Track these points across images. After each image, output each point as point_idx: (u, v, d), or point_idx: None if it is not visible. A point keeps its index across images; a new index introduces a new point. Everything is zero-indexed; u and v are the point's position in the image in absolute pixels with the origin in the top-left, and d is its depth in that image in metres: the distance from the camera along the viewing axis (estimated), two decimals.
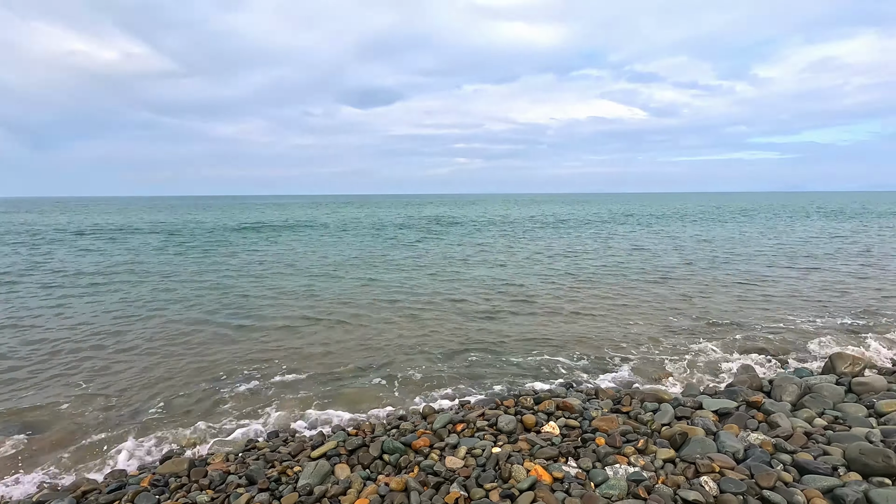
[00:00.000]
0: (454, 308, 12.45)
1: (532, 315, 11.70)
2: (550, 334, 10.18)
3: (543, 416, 5.82)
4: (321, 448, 5.15)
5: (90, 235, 33.55)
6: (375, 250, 25.10)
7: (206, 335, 10.29)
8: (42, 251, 24.74)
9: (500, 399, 6.48)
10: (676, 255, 21.99)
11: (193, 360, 8.83)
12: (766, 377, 7.34)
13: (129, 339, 10.00)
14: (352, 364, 8.62)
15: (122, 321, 11.33)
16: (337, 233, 36.02)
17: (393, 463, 4.91)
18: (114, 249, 25.68)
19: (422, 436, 5.33)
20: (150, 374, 8.23)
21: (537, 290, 14.54)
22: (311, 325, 11.04)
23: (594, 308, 12.25)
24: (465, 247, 26.37)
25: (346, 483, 4.48)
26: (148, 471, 5.09)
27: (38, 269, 18.84)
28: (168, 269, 18.87)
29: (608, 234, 33.05)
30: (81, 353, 9.26)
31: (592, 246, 25.94)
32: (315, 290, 14.70)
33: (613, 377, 7.91)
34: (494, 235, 32.98)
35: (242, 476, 4.69)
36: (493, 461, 4.69)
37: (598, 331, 10.37)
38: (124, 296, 14.04)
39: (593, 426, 5.44)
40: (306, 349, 9.41)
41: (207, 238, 31.82)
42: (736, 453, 4.70)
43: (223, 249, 25.64)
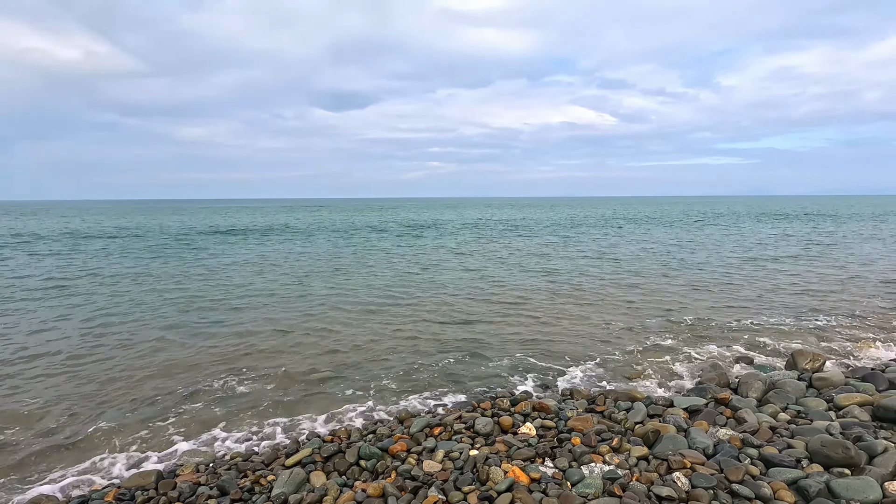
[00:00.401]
0: (429, 312, 12.43)
1: (507, 318, 11.78)
2: (526, 336, 10.27)
3: (520, 418, 5.86)
4: (296, 456, 5.05)
5: (46, 240, 32.11)
6: (349, 255, 24.86)
7: (172, 342, 9.97)
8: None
9: (477, 401, 6.50)
10: (647, 258, 22.55)
11: (158, 368, 8.53)
12: (733, 374, 7.59)
13: (90, 347, 9.59)
14: (325, 370, 8.49)
15: (82, 329, 10.86)
16: (309, 237, 35.52)
17: (370, 469, 4.85)
18: (72, 255, 24.63)
19: (399, 440, 5.28)
20: (111, 383, 7.90)
21: (512, 293, 14.66)
22: (282, 330, 10.83)
23: (568, 310, 12.43)
24: (440, 250, 26.39)
25: (322, 491, 4.40)
26: (112, 485, 4.88)
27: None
28: (129, 275, 18.21)
29: (578, 238, 33.65)
30: (35, 362, 8.82)
31: (565, 250, 26.35)
32: (285, 296, 14.44)
33: (588, 378, 8.03)
34: (468, 239, 33.14)
35: (214, 487, 4.56)
36: (470, 464, 4.69)
37: (573, 332, 10.52)
38: (81, 302, 13.47)
39: (569, 426, 5.50)
40: (278, 356, 9.22)
41: (172, 243, 30.87)
42: (706, 449, 4.83)
43: (188, 255, 24.91)
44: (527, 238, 33.43)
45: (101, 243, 30.67)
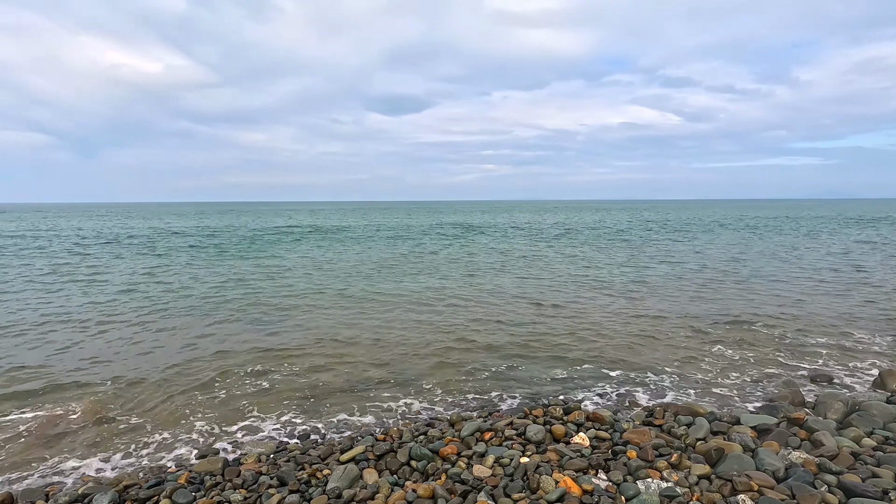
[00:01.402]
0: (479, 315, 12.41)
1: (561, 324, 11.54)
2: (580, 344, 10.02)
3: (573, 427, 5.73)
4: (350, 452, 5.21)
5: (136, 238, 35.13)
6: (400, 257, 25.31)
7: (239, 339, 10.57)
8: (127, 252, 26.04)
9: (529, 408, 6.41)
10: (712, 265, 21.33)
11: (228, 364, 9.07)
12: (810, 393, 7.02)
13: (166, 337, 10.37)
14: (380, 370, 8.70)
15: (174, 320, 11.78)
16: (362, 239, 36.51)
17: (420, 469, 4.92)
18: (154, 254, 26.76)
19: (449, 443, 5.32)
20: (185, 374, 8.51)
21: (566, 299, 14.35)
22: (339, 331, 11.20)
23: (625, 319, 12.00)
24: (491, 254, 26.29)
25: (374, 488, 4.52)
26: (185, 468, 5.26)
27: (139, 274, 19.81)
28: (204, 271, 19.53)
29: (639, 242, 32.33)
30: (119, 347, 9.66)
31: (623, 256, 25.43)
32: (338, 295, 14.92)
33: (645, 389, 7.72)
34: (521, 244, 32.76)
35: (274, 477, 4.80)
36: (521, 471, 4.64)
37: (631, 341, 10.15)
38: (170, 297, 14.61)
39: (624, 438, 5.32)
40: (332, 354, 9.55)
41: (239, 242, 32.78)
42: (776, 472, 4.51)
43: (254, 254, 26.35)
44: (582, 243, 32.58)
45: (179, 241, 33.13)
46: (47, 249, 28.87)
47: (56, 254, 26.65)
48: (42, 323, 11.84)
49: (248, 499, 4.42)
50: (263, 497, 4.41)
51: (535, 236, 38.25)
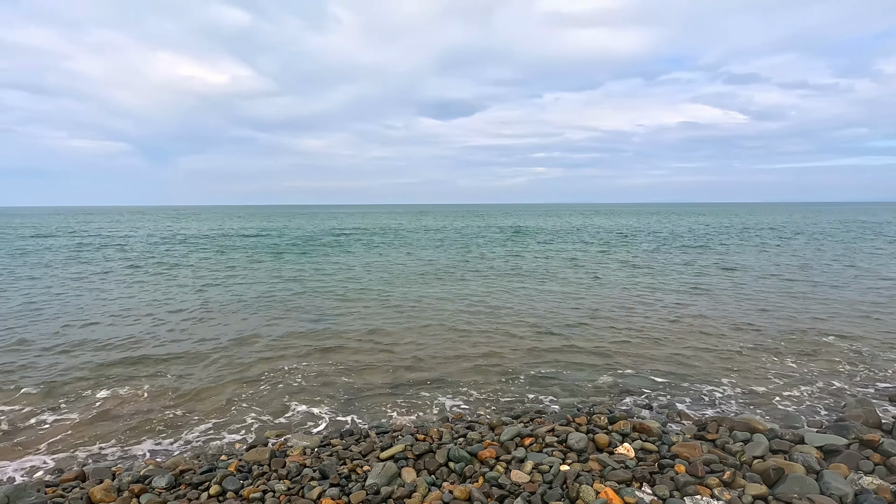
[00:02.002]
0: (525, 319, 12.24)
1: (609, 331, 11.18)
2: (629, 352, 9.67)
3: (618, 437, 5.53)
4: (390, 450, 5.28)
5: (202, 238, 37.37)
6: (448, 260, 25.41)
7: (287, 336, 10.98)
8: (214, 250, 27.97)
9: (572, 416, 6.25)
10: (777, 272, 19.98)
11: (276, 360, 9.44)
12: (886, 414, 6.42)
13: (222, 330, 10.94)
14: (421, 371, 8.77)
15: (230, 315, 12.45)
16: (411, 241, 36.97)
17: (458, 471, 4.91)
18: (222, 253, 28.34)
19: (488, 447, 5.28)
20: (237, 367, 8.93)
21: (615, 304, 13.89)
22: (383, 331, 11.39)
23: (679, 327, 11.46)
24: (540, 258, 25.88)
25: (412, 487, 4.55)
26: (235, 457, 5.52)
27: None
28: (266, 269, 20.47)
29: (697, 247, 30.77)
30: (178, 343, 10.28)
31: (679, 261, 24.31)
32: (389, 298, 15.17)
33: (697, 402, 7.33)
34: (572, 247, 32.05)
35: (316, 470, 4.94)
36: (560, 479, 4.53)
37: (683, 352, 9.68)
38: (238, 293, 15.44)
39: (673, 452, 5.07)
40: (380, 354, 9.72)
41: (299, 243, 34.10)
42: (844, 497, 4.15)
43: (312, 255, 27.33)
44: (635, 247, 31.44)
45: (246, 242, 34.93)
46: (125, 247, 31.27)
47: (131, 250, 28.82)
48: (123, 312, 12.81)
49: (292, 489, 4.58)
50: (305, 489, 4.54)
51: (586, 240, 37.30)
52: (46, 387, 8.05)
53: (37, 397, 7.65)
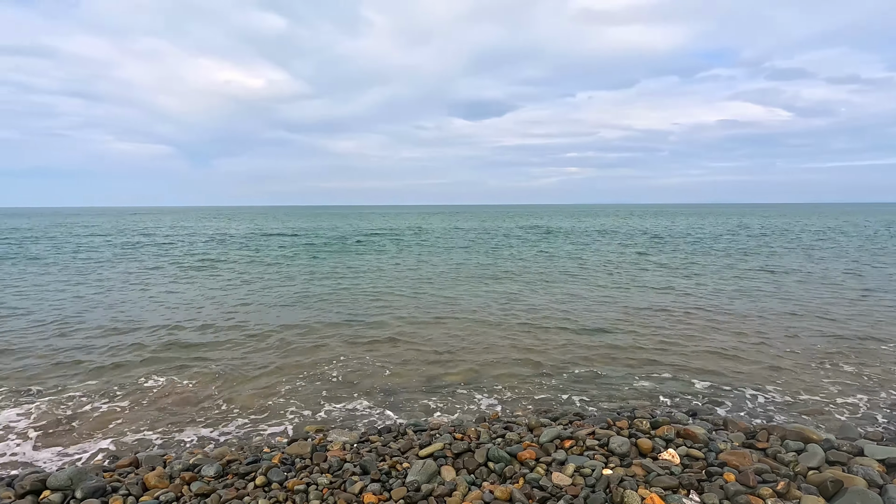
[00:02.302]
0: (562, 322, 12.07)
1: (648, 334, 10.90)
2: (669, 356, 9.40)
3: (661, 443, 5.37)
4: (429, 448, 5.30)
5: (242, 238, 38.62)
6: (480, 260, 25.35)
7: (324, 333, 11.20)
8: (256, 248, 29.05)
9: (612, 419, 6.12)
10: (827, 275, 19.01)
11: (317, 354, 9.64)
12: None
13: (260, 327, 11.26)
14: (457, 370, 8.77)
15: (267, 312, 12.82)
16: (444, 241, 37.07)
17: (498, 472, 4.88)
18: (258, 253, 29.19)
19: (527, 448, 5.23)
20: (278, 362, 9.16)
21: (654, 307, 13.53)
22: (418, 330, 11.46)
23: (722, 331, 11.06)
24: (574, 260, 25.48)
25: (452, 485, 4.55)
26: (278, 449, 5.66)
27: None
28: (303, 268, 20.97)
29: (739, 249, 29.63)
30: (221, 333, 10.63)
31: (720, 263, 23.47)
32: (423, 297, 15.25)
33: (745, 408, 7.06)
34: (606, 248, 31.43)
35: (357, 465, 5.01)
36: (603, 483, 4.44)
37: (727, 356, 9.34)
38: (276, 293, 15.89)
39: (721, 460, 4.89)
40: (415, 352, 9.78)
41: (332, 243, 34.76)
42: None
43: (345, 253, 27.80)
44: (673, 248, 30.55)
45: (281, 241, 35.89)
46: (169, 245, 32.62)
47: (174, 248, 30.03)
48: (168, 305, 13.38)
49: (334, 483, 4.66)
50: (347, 483, 4.61)
51: (621, 241, 36.50)
52: (101, 374, 8.50)
53: (94, 385, 8.08)
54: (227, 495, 4.45)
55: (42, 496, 4.38)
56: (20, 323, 11.98)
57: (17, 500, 4.34)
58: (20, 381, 8.22)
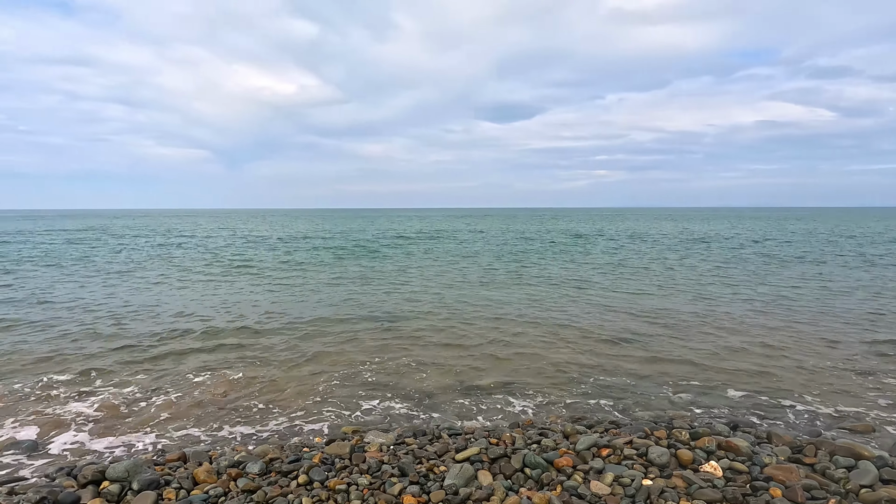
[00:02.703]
0: (595, 329, 11.93)
1: (682, 342, 10.66)
2: (709, 365, 9.18)
3: (702, 454, 5.27)
4: (465, 452, 5.35)
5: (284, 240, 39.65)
6: (511, 264, 25.26)
7: (357, 334, 11.40)
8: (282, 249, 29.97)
9: (650, 429, 6.03)
10: (880, 284, 18.14)
11: (348, 356, 9.83)
12: None
13: (295, 327, 11.54)
14: (490, 375, 8.79)
15: (302, 312, 13.15)
16: (472, 244, 37.09)
17: (535, 478, 4.89)
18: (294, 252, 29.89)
19: (564, 455, 5.22)
20: (314, 362, 9.38)
21: (688, 315, 13.22)
22: (451, 333, 11.53)
23: (766, 341, 10.70)
24: (607, 265, 25.10)
25: (489, 490, 4.59)
26: (318, 449, 5.81)
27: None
28: (344, 270, 21.39)
29: (783, 254, 28.58)
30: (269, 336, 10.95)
31: (757, 270, 22.71)
32: (456, 300, 15.31)
33: (789, 421, 6.83)
34: (636, 254, 30.83)
35: (395, 467, 5.10)
36: (643, 493, 4.40)
37: (770, 367, 9.05)
38: (322, 295, 16.29)
39: (766, 474, 4.77)
40: (448, 355, 9.85)
41: (367, 245, 35.28)
42: None
43: (376, 255, 28.17)
44: (709, 254, 29.71)
45: (314, 243, 36.68)
46: (206, 246, 33.78)
47: (211, 249, 31.07)
48: (205, 305, 13.88)
49: (373, 484, 4.76)
50: (387, 484, 4.71)
51: (654, 246, 35.73)
52: (152, 367, 8.95)
53: (144, 380, 8.48)
54: (272, 492, 4.61)
55: (102, 486, 4.63)
56: (79, 315, 12.70)
57: (79, 489, 4.61)
58: (81, 372, 8.74)
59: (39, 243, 36.99)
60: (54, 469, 5.41)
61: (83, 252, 30.28)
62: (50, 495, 4.28)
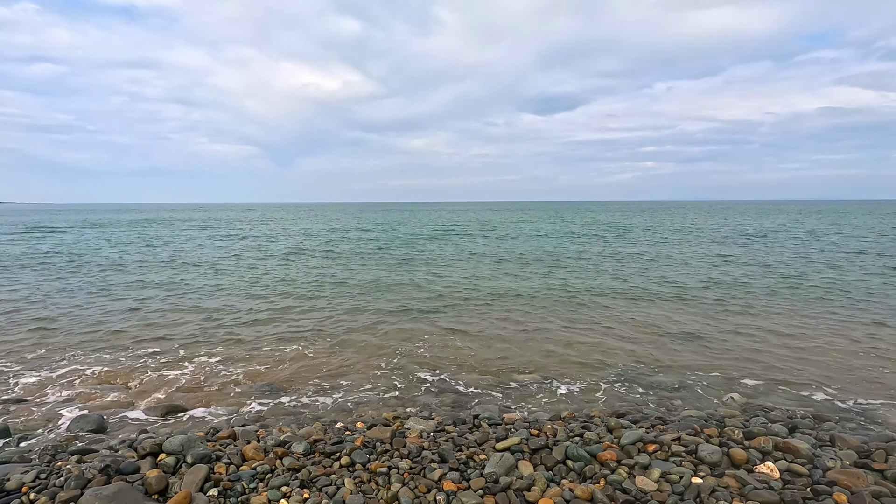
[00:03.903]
0: (640, 323, 11.56)
1: (735, 341, 10.15)
2: (760, 366, 8.70)
3: (757, 455, 5.00)
4: (505, 441, 5.30)
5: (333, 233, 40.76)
6: (556, 257, 24.84)
7: (400, 322, 11.53)
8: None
9: (700, 426, 5.78)
10: None
11: (390, 343, 9.97)
12: None
13: (349, 316, 11.81)
14: (530, 366, 8.71)
15: (349, 300, 13.47)
16: (512, 238, 36.75)
17: (577, 470, 4.78)
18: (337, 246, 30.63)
19: (608, 449, 5.08)
20: (357, 348, 9.58)
21: (740, 313, 12.57)
22: (489, 325, 11.48)
23: (822, 343, 10.03)
24: (651, 260, 24.24)
25: (530, 480, 4.53)
26: (360, 433, 5.92)
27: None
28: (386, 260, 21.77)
29: (846, 251, 26.69)
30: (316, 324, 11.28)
31: (820, 266, 21.30)
32: (494, 294, 15.23)
33: (853, 425, 6.36)
34: (685, 248, 29.59)
35: (435, 453, 5.12)
36: (692, 491, 4.21)
37: (829, 370, 8.47)
38: (361, 289, 16.68)
39: (829, 478, 4.46)
40: (486, 347, 9.81)
41: (411, 239, 35.70)
42: None
43: (418, 248, 28.42)
44: (764, 250, 28.14)
45: (363, 234, 37.48)
46: (261, 239, 35.12)
47: (268, 240, 32.29)
48: (263, 291, 14.46)
49: (414, 468, 4.80)
50: (427, 469, 4.74)
51: (704, 241, 34.19)
52: (218, 347, 9.39)
53: (215, 358, 9.00)
54: (316, 472, 4.73)
55: (159, 458, 4.90)
56: (162, 294, 13.56)
57: (139, 459, 4.90)
58: (167, 347, 9.41)
59: (144, 234, 39.68)
60: (117, 441, 5.78)
61: (166, 240, 32.17)
62: (113, 464, 4.57)
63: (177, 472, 4.71)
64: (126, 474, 4.52)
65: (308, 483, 4.60)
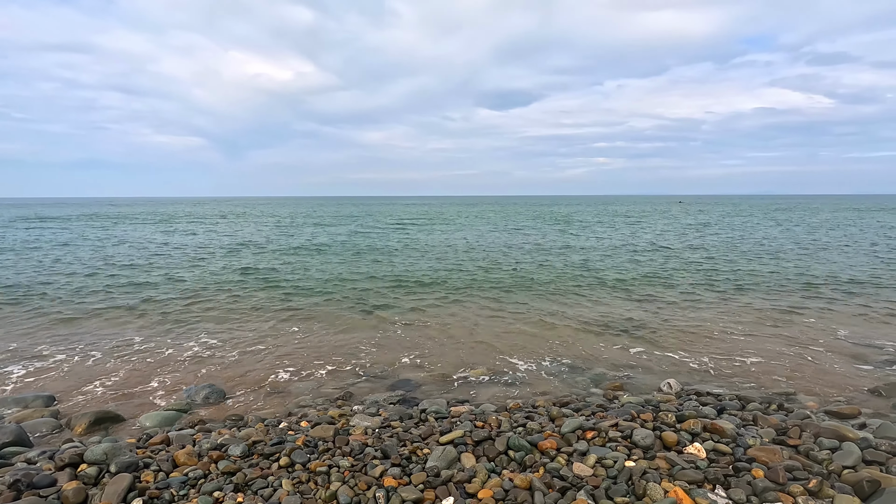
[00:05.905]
0: (588, 318, 11.92)
1: (676, 333, 10.65)
2: (700, 357, 9.17)
3: (687, 436, 5.25)
4: (449, 435, 5.31)
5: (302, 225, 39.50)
6: (509, 251, 25.20)
7: (349, 319, 11.36)
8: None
9: (637, 412, 6.01)
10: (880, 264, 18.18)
11: (342, 338, 9.79)
12: None
13: (296, 313, 11.49)
14: (479, 359, 8.77)
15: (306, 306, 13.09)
16: (475, 233, 37.01)
17: (518, 460, 4.86)
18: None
19: (548, 437, 5.19)
20: (316, 349, 9.35)
21: (683, 306, 13.21)
22: (437, 316, 11.49)
23: (758, 335, 10.70)
24: (601, 255, 25.07)
25: (472, 472, 4.56)
26: (302, 432, 5.78)
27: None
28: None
29: (772, 236, 28.61)
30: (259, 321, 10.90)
31: (754, 259, 22.72)
32: (449, 284, 15.26)
33: (775, 406, 6.82)
34: (633, 243, 30.80)
35: (378, 450, 5.07)
36: (625, 474, 4.37)
37: (758, 353, 9.05)
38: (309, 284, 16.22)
39: (749, 455, 4.75)
40: (437, 338, 9.82)
41: (369, 232, 35.18)
42: None
43: (376, 244, 28.07)
44: (708, 243, 29.70)
45: (314, 231, 36.56)
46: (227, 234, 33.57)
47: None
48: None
49: (355, 466, 4.72)
50: (368, 466, 4.68)
51: (653, 236, 35.69)
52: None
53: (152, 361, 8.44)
54: (252, 474, 4.57)
55: (79, 469, 4.58)
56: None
57: (56, 471, 4.56)
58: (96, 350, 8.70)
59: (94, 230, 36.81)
60: (36, 453, 5.37)
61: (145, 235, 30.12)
62: (24, 478, 4.23)
63: (99, 483, 4.42)
64: (39, 488, 4.20)
65: (243, 486, 4.44)
